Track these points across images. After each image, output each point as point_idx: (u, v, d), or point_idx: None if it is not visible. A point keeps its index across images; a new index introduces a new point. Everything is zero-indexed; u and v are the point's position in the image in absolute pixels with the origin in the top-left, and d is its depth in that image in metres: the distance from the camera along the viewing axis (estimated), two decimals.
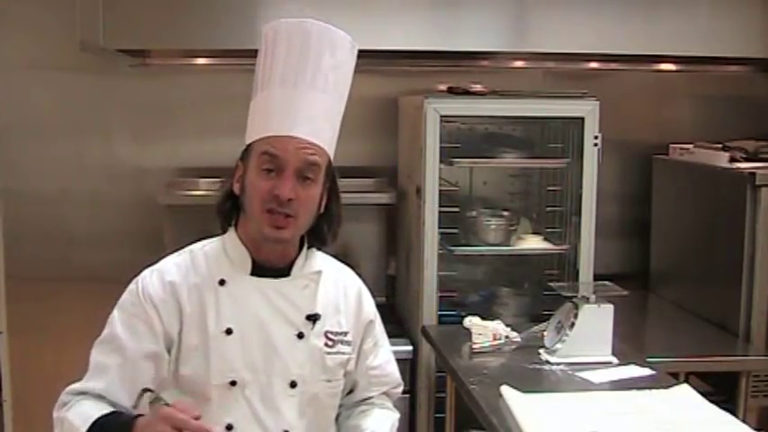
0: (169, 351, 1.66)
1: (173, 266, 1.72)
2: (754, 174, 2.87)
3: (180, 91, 3.39)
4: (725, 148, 3.16)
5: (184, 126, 3.42)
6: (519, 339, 2.57)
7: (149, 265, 1.75)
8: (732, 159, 3.07)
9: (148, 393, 1.53)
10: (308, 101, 1.65)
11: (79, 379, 1.67)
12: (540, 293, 3.10)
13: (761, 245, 2.87)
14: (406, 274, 3.21)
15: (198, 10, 3.06)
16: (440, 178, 2.94)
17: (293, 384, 1.69)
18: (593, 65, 3.57)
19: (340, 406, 1.85)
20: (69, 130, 3.36)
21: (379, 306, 1.92)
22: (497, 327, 2.62)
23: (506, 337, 2.58)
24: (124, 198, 3.39)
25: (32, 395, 3.39)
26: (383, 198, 3.28)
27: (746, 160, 3.09)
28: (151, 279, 1.69)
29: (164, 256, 1.78)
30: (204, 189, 3.28)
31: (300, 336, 1.70)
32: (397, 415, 1.92)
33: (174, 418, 1.43)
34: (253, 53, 2.96)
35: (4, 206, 3.35)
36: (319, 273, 1.75)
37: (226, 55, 3.33)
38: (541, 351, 2.47)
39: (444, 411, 2.75)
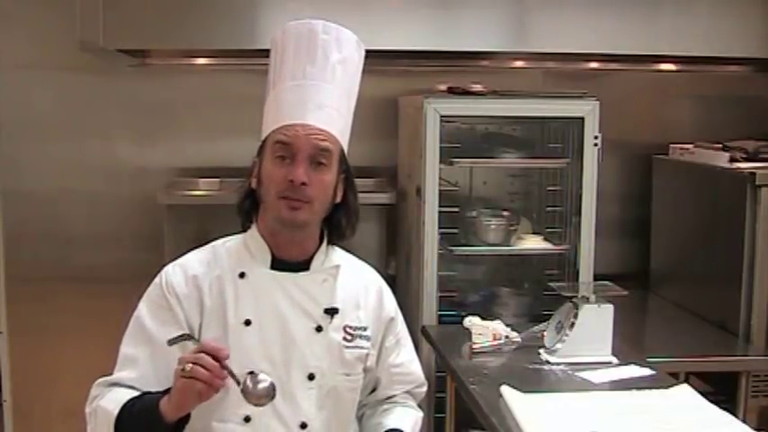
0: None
1: (195, 261, 1.75)
2: (754, 174, 2.87)
3: (180, 91, 3.40)
4: (725, 148, 3.16)
5: (184, 126, 3.42)
6: (519, 339, 2.57)
7: (173, 260, 1.78)
8: (732, 159, 3.07)
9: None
10: (317, 91, 1.70)
11: (104, 374, 1.69)
12: (540, 293, 3.10)
13: (761, 245, 2.87)
14: (406, 274, 3.21)
15: (198, 10, 3.06)
16: (440, 178, 2.94)
17: (311, 377, 1.70)
18: (593, 65, 3.58)
19: (363, 405, 1.87)
20: (69, 130, 3.36)
21: None
22: (497, 327, 2.62)
23: (506, 337, 2.58)
24: (124, 198, 3.39)
25: (32, 395, 3.39)
26: (383, 198, 3.27)
27: (746, 160, 3.09)
28: (174, 272, 1.73)
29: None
30: (204, 189, 3.28)
31: (319, 329, 1.72)
32: (420, 414, 1.94)
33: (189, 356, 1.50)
34: (253, 53, 2.98)
35: (4, 206, 3.35)
36: (338, 267, 1.77)
37: (226, 55, 3.33)
38: (541, 351, 2.47)
39: (444, 411, 2.75)
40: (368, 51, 1.83)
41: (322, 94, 1.70)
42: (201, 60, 3.43)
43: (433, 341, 2.79)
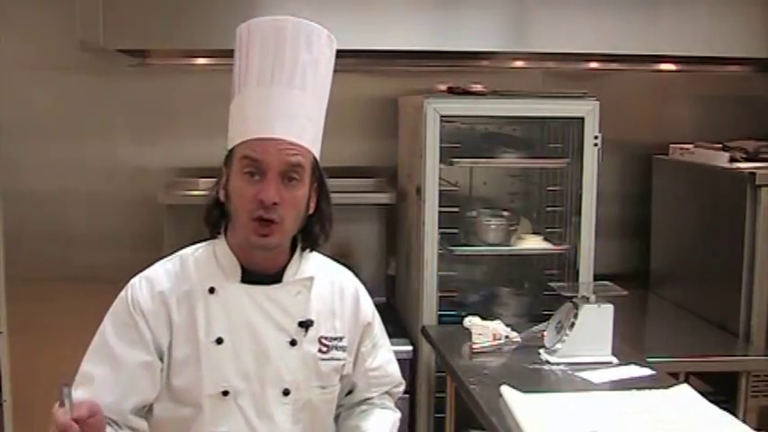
0: (161, 360, 1.65)
1: (163, 274, 1.69)
2: (754, 174, 2.87)
3: (180, 91, 3.39)
4: (725, 148, 3.16)
5: (184, 126, 3.41)
6: (519, 339, 2.57)
7: (139, 272, 1.73)
8: (732, 159, 3.07)
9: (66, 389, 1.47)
10: (286, 100, 1.61)
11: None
12: (540, 293, 3.10)
13: (761, 245, 2.87)
14: (406, 274, 3.21)
15: (197, 10, 3.06)
16: (440, 178, 2.94)
17: (286, 392, 1.67)
18: (593, 65, 3.58)
19: (340, 406, 1.85)
20: (69, 130, 3.36)
21: (378, 306, 1.90)
22: (497, 327, 2.62)
23: (506, 337, 2.58)
24: (124, 198, 3.39)
25: (32, 395, 3.38)
26: (383, 198, 3.27)
27: (746, 160, 3.09)
28: (141, 288, 1.67)
29: (159, 259, 1.77)
30: (204, 189, 3.25)
31: (293, 343, 1.67)
32: (397, 415, 1.91)
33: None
34: None
35: (4, 206, 3.35)
36: (311, 279, 1.72)
37: (226, 55, 3.28)
38: (541, 351, 2.47)
39: (444, 411, 2.75)
40: (368, 51, 1.83)
41: (291, 102, 1.61)
42: (201, 60, 3.42)
43: (433, 341, 2.79)
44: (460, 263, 3.18)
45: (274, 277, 1.70)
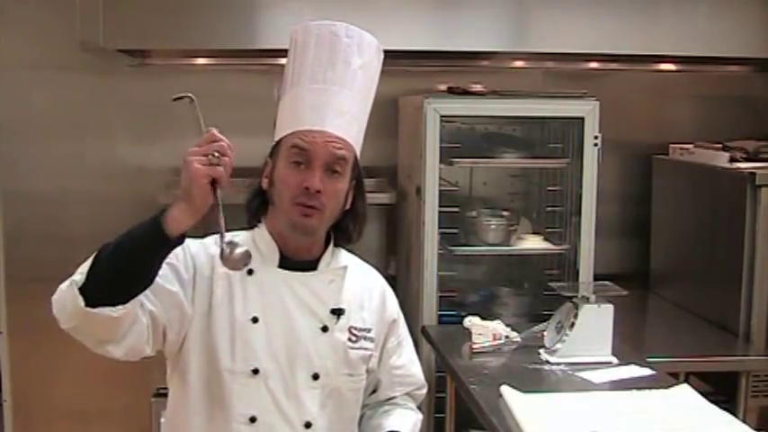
0: (184, 325, 1.65)
1: (210, 244, 1.71)
2: (754, 174, 2.88)
3: (180, 91, 3.34)
4: (725, 148, 3.17)
5: (184, 126, 3.40)
6: (519, 339, 2.57)
7: None
8: (732, 159, 3.07)
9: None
10: (337, 97, 1.70)
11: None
12: (540, 293, 3.10)
13: (761, 245, 2.87)
14: (406, 274, 3.21)
15: (198, 10, 3.06)
16: (440, 178, 2.94)
17: (316, 376, 1.70)
18: (593, 65, 3.58)
19: (364, 406, 1.87)
20: (69, 130, 3.36)
21: None
22: (497, 327, 2.62)
23: (506, 337, 2.58)
24: (124, 198, 3.38)
25: (32, 395, 3.39)
26: (383, 198, 3.27)
27: (746, 160, 3.09)
28: (193, 242, 1.69)
29: None
30: None
31: (325, 329, 1.72)
32: (419, 416, 1.94)
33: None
34: (253, 53, 2.96)
35: (4, 206, 3.35)
36: (345, 268, 1.78)
37: (226, 55, 3.33)
38: (541, 351, 2.47)
39: (444, 411, 2.75)
40: None
41: (341, 100, 1.70)
42: (201, 60, 3.42)
43: (433, 341, 2.79)
44: (460, 263, 3.18)
45: (310, 265, 1.75)
